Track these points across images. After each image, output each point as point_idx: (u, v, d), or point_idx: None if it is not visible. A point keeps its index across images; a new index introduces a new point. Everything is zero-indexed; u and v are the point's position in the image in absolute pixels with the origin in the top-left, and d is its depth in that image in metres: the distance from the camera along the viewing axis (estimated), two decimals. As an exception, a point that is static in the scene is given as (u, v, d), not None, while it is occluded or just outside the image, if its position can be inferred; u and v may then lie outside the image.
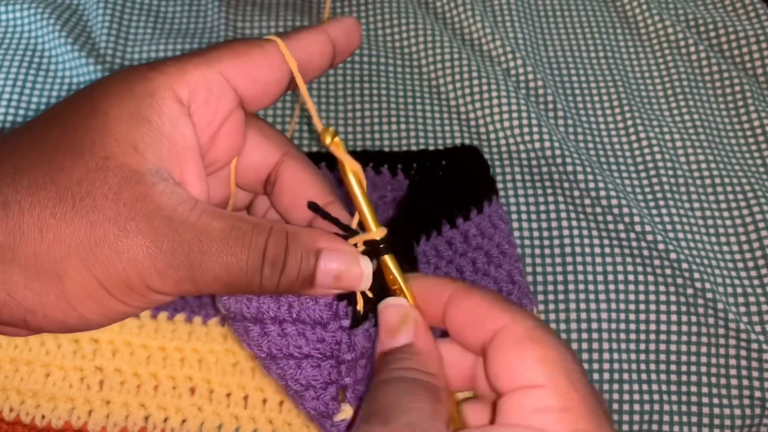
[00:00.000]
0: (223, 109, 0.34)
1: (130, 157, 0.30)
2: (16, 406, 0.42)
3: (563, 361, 0.29)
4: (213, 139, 0.34)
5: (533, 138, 0.55)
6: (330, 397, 0.35)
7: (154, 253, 0.29)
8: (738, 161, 0.56)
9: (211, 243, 0.30)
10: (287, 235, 0.31)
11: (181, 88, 0.32)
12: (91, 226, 0.29)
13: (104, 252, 0.29)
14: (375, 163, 0.51)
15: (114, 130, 0.31)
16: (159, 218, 0.30)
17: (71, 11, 0.61)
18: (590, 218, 0.53)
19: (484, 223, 0.43)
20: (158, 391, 0.42)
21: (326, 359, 0.34)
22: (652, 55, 0.62)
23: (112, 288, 0.30)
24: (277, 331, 0.34)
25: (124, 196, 0.30)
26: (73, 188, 0.30)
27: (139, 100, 0.32)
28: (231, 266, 0.30)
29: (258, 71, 0.34)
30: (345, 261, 0.32)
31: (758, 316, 0.49)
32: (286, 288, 0.31)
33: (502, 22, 0.63)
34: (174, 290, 0.30)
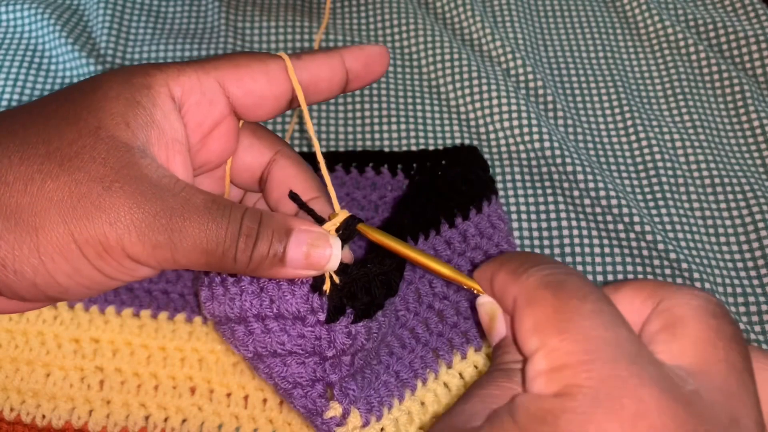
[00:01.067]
0: (215, 114, 0.35)
1: (122, 131, 0.32)
2: (16, 406, 0.42)
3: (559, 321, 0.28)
4: (204, 141, 0.36)
5: (533, 138, 0.55)
6: (317, 394, 0.35)
7: (135, 212, 0.30)
8: (737, 161, 0.56)
9: (193, 211, 0.31)
10: (261, 215, 0.33)
11: (176, 87, 0.34)
12: (76, 183, 0.30)
13: (85, 207, 0.30)
14: (375, 163, 0.51)
15: (109, 107, 0.32)
16: (144, 184, 0.31)
17: (71, 11, 0.62)
18: (590, 218, 0.53)
19: (483, 223, 0.44)
20: (158, 391, 0.42)
21: (309, 356, 0.35)
22: (652, 55, 0.62)
23: (85, 246, 0.30)
24: (260, 329, 0.35)
25: (112, 161, 0.31)
26: (63, 149, 0.31)
27: (136, 89, 0.33)
28: (210, 233, 0.31)
29: (253, 84, 0.35)
30: (314, 239, 0.33)
31: (758, 316, 0.50)
32: (258, 263, 0.32)
33: (502, 23, 0.63)
34: (150, 256, 0.31)
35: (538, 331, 0.28)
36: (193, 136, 0.35)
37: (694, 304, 0.29)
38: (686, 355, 0.28)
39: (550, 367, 0.27)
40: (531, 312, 0.29)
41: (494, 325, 0.33)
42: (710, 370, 0.27)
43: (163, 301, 0.44)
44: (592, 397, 0.26)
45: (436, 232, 0.43)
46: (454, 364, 0.40)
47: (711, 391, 0.27)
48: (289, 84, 0.36)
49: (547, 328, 0.28)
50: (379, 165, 0.50)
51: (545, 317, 0.28)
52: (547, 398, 0.27)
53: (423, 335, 0.40)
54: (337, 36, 0.62)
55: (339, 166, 0.51)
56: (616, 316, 0.28)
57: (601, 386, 0.26)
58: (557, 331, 0.28)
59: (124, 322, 0.43)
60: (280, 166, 0.38)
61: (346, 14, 0.64)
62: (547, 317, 0.28)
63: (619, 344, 0.27)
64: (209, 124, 0.35)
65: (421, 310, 0.41)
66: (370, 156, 0.51)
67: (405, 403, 0.38)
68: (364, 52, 0.38)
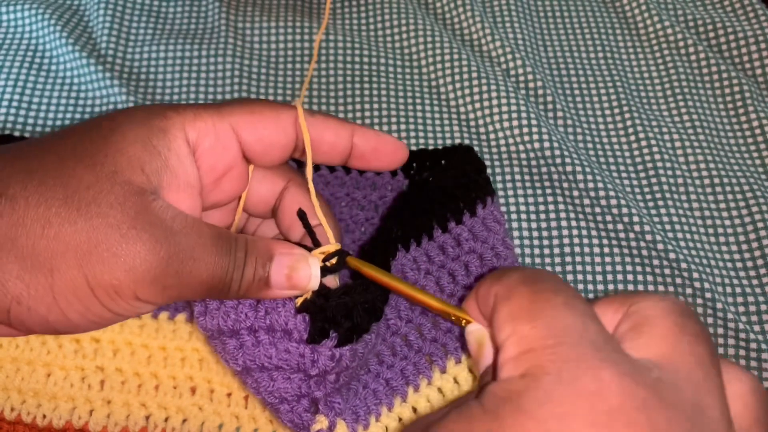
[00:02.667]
0: (227, 158, 0.37)
1: (137, 176, 0.33)
2: (17, 406, 0.42)
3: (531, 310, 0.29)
4: (217, 183, 0.37)
5: (533, 138, 0.55)
6: (303, 409, 0.36)
7: (149, 259, 0.32)
8: (737, 161, 0.56)
9: (202, 250, 0.33)
10: (246, 241, 0.34)
11: (192, 131, 0.35)
12: (93, 229, 0.31)
13: (101, 254, 0.31)
14: None
15: (126, 150, 0.33)
16: (159, 228, 0.32)
17: (72, 12, 0.62)
18: (589, 218, 0.53)
19: (478, 225, 0.43)
20: (159, 391, 0.42)
21: (295, 372, 0.36)
22: (652, 55, 0.62)
23: (98, 290, 0.31)
24: (251, 341, 0.35)
25: (128, 206, 0.32)
26: (80, 192, 0.32)
27: (153, 132, 0.34)
28: (217, 270, 0.33)
29: (265, 131, 0.37)
30: (295, 261, 0.35)
31: (757, 316, 0.50)
32: (246, 289, 0.34)
33: (502, 23, 0.63)
34: (159, 296, 0.33)
35: (511, 319, 0.30)
36: (206, 178, 0.37)
37: (662, 305, 0.30)
38: (652, 348, 0.29)
39: (518, 352, 0.29)
40: (507, 304, 0.30)
41: (483, 352, 0.34)
42: (676, 361, 0.28)
43: None
44: (555, 377, 0.27)
45: (429, 237, 0.43)
46: (448, 368, 0.39)
47: (676, 380, 0.27)
48: (296, 134, 0.38)
49: (520, 317, 0.29)
50: None
51: (519, 308, 0.30)
52: (513, 380, 0.28)
53: (416, 342, 0.40)
54: (337, 36, 0.62)
55: (339, 166, 0.51)
56: (587, 310, 0.30)
57: (564, 367, 0.27)
58: (529, 319, 0.29)
59: (124, 322, 0.43)
60: (291, 193, 0.40)
61: (346, 14, 0.64)
62: (521, 308, 0.30)
63: (586, 332, 0.28)
64: (222, 168, 0.37)
65: (413, 317, 0.41)
66: None
67: (394, 410, 0.38)
68: (377, 137, 0.40)
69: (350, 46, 0.61)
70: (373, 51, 0.61)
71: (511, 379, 0.28)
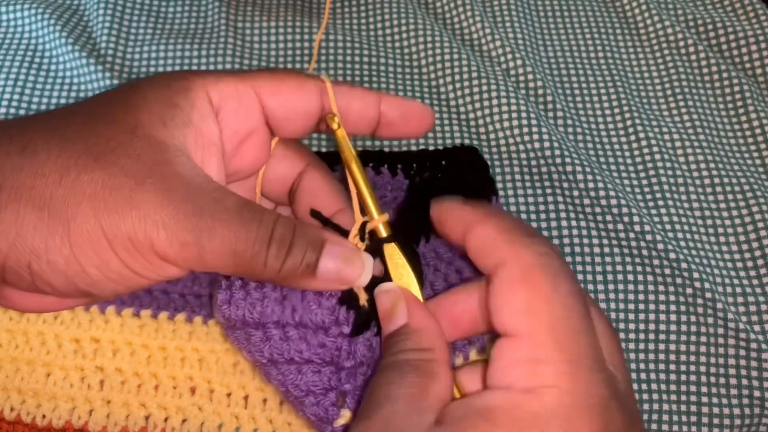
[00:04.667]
0: (250, 123, 0.36)
1: (158, 130, 0.32)
2: (17, 406, 0.42)
3: (550, 310, 0.29)
4: (238, 149, 0.36)
5: (533, 138, 0.55)
6: (330, 402, 0.35)
7: (165, 209, 0.30)
8: (737, 161, 0.56)
9: (222, 213, 0.31)
10: (295, 224, 0.32)
11: (214, 92, 0.35)
12: (109, 177, 0.31)
13: (117, 201, 0.30)
14: (375, 163, 0.51)
15: (147, 108, 0.33)
16: (177, 182, 0.31)
17: (72, 11, 0.62)
18: (589, 218, 0.53)
19: None
20: (159, 391, 0.42)
21: (326, 365, 0.35)
22: (652, 55, 0.62)
23: (114, 241, 0.30)
24: (279, 335, 0.34)
25: (146, 158, 0.31)
26: (100, 145, 0.31)
27: (174, 92, 0.34)
28: (240, 235, 0.31)
29: (288, 96, 0.36)
30: (347, 254, 0.33)
31: (757, 316, 0.50)
32: (289, 273, 0.32)
33: (502, 23, 0.63)
34: (178, 255, 0.31)
35: (530, 314, 0.29)
36: (228, 143, 0.35)
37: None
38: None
39: (532, 359, 0.28)
40: (525, 291, 0.29)
41: (396, 313, 0.33)
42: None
43: (164, 301, 0.44)
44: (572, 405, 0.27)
45: (437, 234, 0.43)
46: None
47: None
48: (321, 104, 0.36)
49: (540, 316, 0.28)
50: (379, 165, 0.50)
51: (539, 304, 0.29)
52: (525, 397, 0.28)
53: None
54: (337, 36, 0.62)
55: (339, 166, 0.51)
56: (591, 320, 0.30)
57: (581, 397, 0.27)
58: (549, 326, 0.28)
59: (124, 321, 0.43)
60: (309, 177, 0.39)
61: (346, 14, 0.64)
62: (540, 305, 0.29)
63: (598, 357, 0.29)
64: (244, 132, 0.36)
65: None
66: (369, 156, 0.51)
67: None
68: (404, 103, 0.38)
69: (350, 46, 0.61)
70: (373, 51, 0.61)
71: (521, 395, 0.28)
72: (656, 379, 0.48)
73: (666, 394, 0.48)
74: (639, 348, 0.49)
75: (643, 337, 0.49)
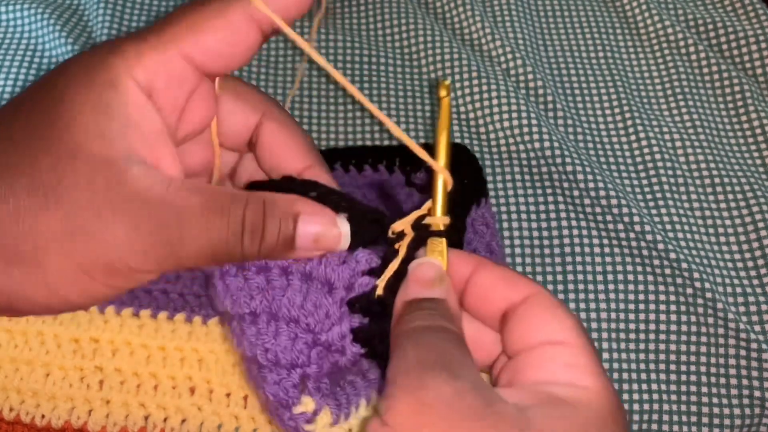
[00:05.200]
0: (186, 89, 0.33)
1: (99, 145, 0.30)
2: (16, 406, 0.42)
3: (584, 330, 0.31)
4: (182, 118, 0.34)
5: (533, 138, 0.55)
6: (292, 383, 0.33)
7: (132, 237, 0.30)
8: (738, 161, 0.56)
9: (190, 218, 0.30)
10: (264, 203, 0.31)
11: (141, 74, 0.32)
12: (66, 216, 0.29)
13: (83, 240, 0.29)
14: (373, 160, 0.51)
15: (79, 120, 0.30)
16: (135, 202, 0.30)
17: (71, 11, 0.61)
18: (590, 218, 0.53)
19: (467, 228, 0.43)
20: (158, 391, 0.42)
21: (304, 332, 0.34)
22: (652, 55, 0.62)
23: (94, 272, 0.30)
24: (281, 283, 0.33)
25: (97, 183, 0.29)
26: (44, 178, 0.30)
27: (101, 89, 0.31)
28: (212, 236, 0.30)
29: (220, 45, 0.32)
30: (323, 222, 0.32)
31: (758, 316, 0.49)
32: (268, 253, 0.32)
33: (502, 22, 0.63)
34: (157, 267, 0.31)
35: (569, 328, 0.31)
36: (169, 118, 0.33)
37: None
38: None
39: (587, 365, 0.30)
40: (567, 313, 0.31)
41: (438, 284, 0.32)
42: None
43: (163, 301, 0.44)
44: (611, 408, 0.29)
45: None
46: None
47: None
48: (255, 28, 0.32)
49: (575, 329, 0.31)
50: (377, 163, 0.50)
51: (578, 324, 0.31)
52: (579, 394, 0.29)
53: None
54: (337, 35, 0.62)
55: (338, 164, 0.50)
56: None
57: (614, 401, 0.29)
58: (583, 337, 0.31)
59: (123, 321, 0.43)
60: (268, 130, 0.36)
61: (346, 14, 0.64)
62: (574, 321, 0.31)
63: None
64: (182, 100, 0.33)
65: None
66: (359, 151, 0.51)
67: (372, 403, 0.37)
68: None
69: (350, 46, 0.61)
70: (372, 50, 0.61)
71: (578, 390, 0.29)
72: (656, 379, 0.48)
73: (666, 394, 0.48)
74: (639, 348, 0.49)
75: (644, 337, 0.49)
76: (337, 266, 0.33)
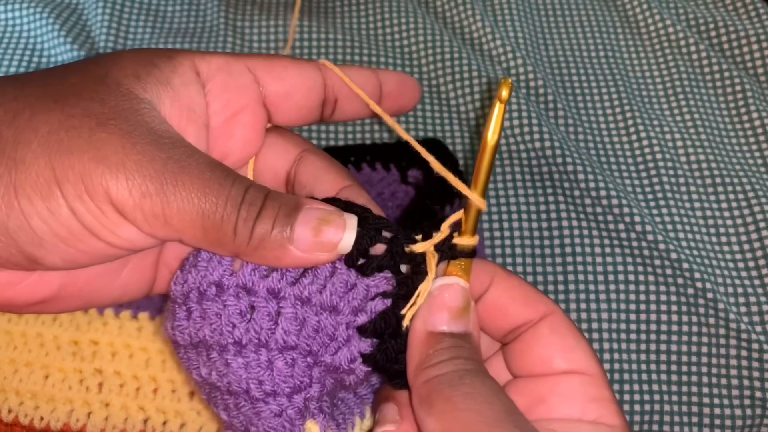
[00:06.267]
0: (243, 98, 0.32)
1: (130, 82, 0.29)
2: (14, 408, 0.42)
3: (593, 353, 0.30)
4: (227, 126, 0.33)
5: (533, 137, 0.55)
6: (295, 410, 0.30)
7: (128, 152, 0.27)
8: (738, 161, 0.56)
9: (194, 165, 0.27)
10: (269, 189, 0.29)
11: (202, 63, 0.31)
12: (68, 117, 0.27)
13: (72, 140, 0.27)
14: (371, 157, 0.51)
15: (122, 63, 0.30)
16: (144, 128, 0.28)
17: (70, 10, 0.61)
18: (590, 218, 0.53)
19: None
20: (157, 395, 0.42)
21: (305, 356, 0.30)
22: (653, 54, 0.62)
23: (65, 184, 0.27)
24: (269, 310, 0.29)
25: (113, 102, 0.28)
26: (63, 89, 0.28)
27: (155, 54, 0.31)
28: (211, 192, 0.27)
29: (285, 73, 0.33)
30: (326, 214, 0.29)
31: (759, 316, 0.49)
32: (261, 239, 0.28)
33: (502, 22, 0.63)
34: (137, 207, 0.27)
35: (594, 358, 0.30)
36: (216, 117, 0.32)
37: None
38: None
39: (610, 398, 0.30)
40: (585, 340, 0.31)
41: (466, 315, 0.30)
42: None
43: (162, 303, 0.44)
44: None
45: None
46: None
47: None
48: (323, 82, 0.33)
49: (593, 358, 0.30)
50: (375, 161, 0.50)
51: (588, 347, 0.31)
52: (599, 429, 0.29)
53: None
54: (337, 35, 0.61)
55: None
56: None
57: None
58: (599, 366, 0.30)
59: (122, 324, 0.43)
60: (307, 162, 0.35)
61: (346, 13, 0.64)
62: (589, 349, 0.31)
63: None
64: (236, 107, 0.32)
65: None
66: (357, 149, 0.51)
67: (366, 421, 0.34)
68: (397, 73, 0.37)
69: (350, 45, 0.61)
70: (372, 50, 0.61)
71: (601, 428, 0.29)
72: (657, 380, 0.48)
73: (667, 394, 0.48)
74: (640, 348, 0.49)
75: (645, 338, 0.49)
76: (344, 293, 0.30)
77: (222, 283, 0.30)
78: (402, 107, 0.37)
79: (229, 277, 0.30)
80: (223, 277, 0.30)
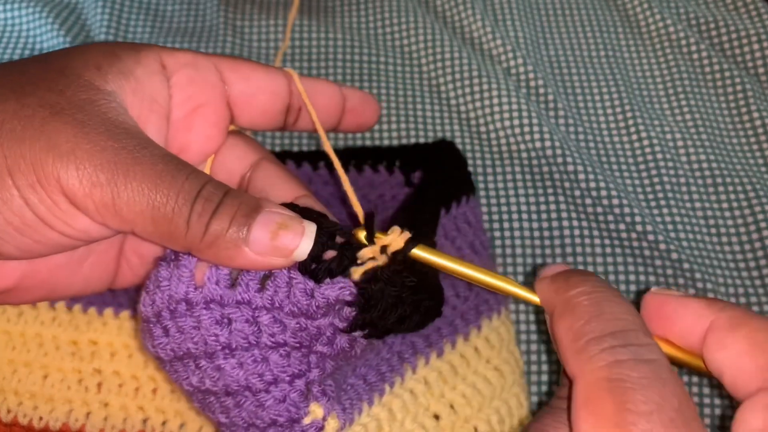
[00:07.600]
0: (207, 93, 0.32)
1: (91, 73, 0.29)
2: (13, 408, 0.42)
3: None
4: (189, 119, 0.32)
5: (534, 137, 0.55)
6: (298, 393, 0.31)
7: (80, 141, 0.26)
8: (739, 160, 0.56)
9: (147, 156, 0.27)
10: (229, 187, 0.29)
11: (168, 59, 0.31)
12: (22, 106, 0.27)
13: (25, 129, 0.27)
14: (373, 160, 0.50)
15: (85, 55, 0.29)
16: (99, 119, 0.27)
17: (70, 10, 0.61)
18: (591, 218, 0.52)
19: (449, 224, 0.42)
20: (157, 395, 0.42)
21: (298, 349, 0.31)
22: (653, 54, 0.62)
23: (17, 173, 0.26)
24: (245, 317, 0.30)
25: (70, 93, 0.28)
26: (22, 79, 0.28)
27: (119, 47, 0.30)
28: (162, 185, 0.27)
29: (251, 72, 0.33)
30: (286, 219, 0.28)
31: (760, 317, 0.49)
32: (215, 238, 0.27)
33: (503, 21, 0.63)
34: (88, 197, 0.27)
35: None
36: (178, 110, 0.32)
37: None
38: None
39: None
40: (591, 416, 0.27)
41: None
42: None
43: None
44: None
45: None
46: (419, 369, 0.38)
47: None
48: (289, 90, 0.33)
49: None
50: (377, 163, 0.50)
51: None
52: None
53: (388, 337, 0.37)
54: (337, 35, 0.61)
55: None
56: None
57: None
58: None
59: (122, 324, 0.43)
60: (264, 169, 0.35)
61: (346, 13, 0.64)
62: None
63: None
64: (199, 101, 0.32)
65: None
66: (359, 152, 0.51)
67: (374, 408, 0.35)
68: (358, 90, 0.37)
69: (350, 45, 0.61)
70: (372, 49, 0.61)
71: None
72: (658, 381, 0.48)
73: (668, 395, 0.48)
74: (640, 349, 0.49)
75: (645, 338, 0.49)
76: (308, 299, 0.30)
77: (190, 300, 0.30)
78: (362, 124, 0.37)
79: (194, 292, 0.30)
80: (189, 293, 0.30)
